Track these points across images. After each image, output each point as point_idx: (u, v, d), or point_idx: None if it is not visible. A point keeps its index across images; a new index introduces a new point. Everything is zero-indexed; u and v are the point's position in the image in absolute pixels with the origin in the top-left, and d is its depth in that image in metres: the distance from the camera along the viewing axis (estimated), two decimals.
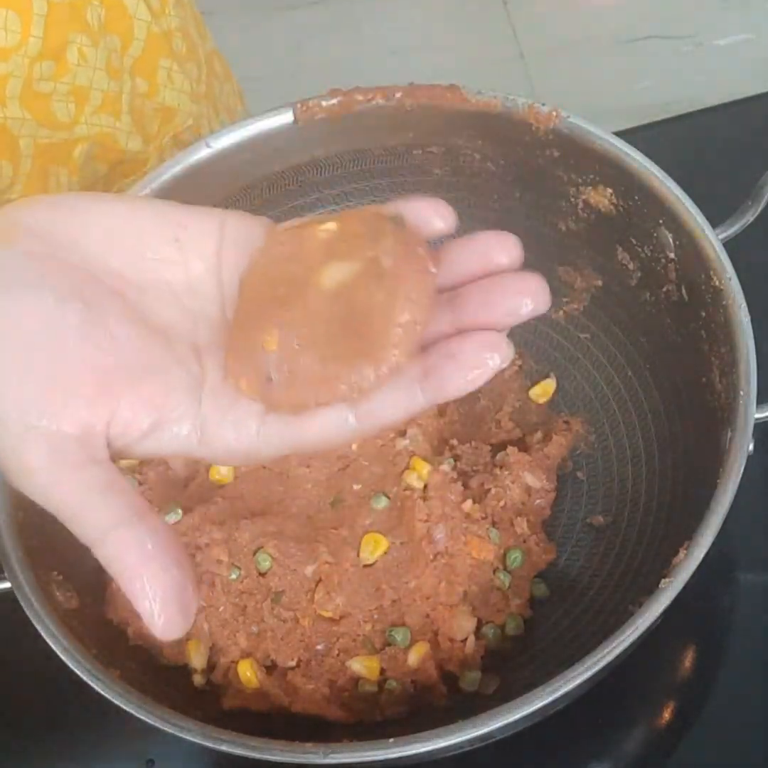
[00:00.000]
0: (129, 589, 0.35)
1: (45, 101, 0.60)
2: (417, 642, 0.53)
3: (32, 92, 0.59)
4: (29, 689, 0.60)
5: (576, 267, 0.62)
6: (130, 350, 0.36)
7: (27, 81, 0.58)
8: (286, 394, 0.36)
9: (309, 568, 0.52)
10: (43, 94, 0.60)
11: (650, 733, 0.57)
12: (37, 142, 0.61)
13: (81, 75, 0.61)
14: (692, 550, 0.45)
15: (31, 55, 0.58)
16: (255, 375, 0.36)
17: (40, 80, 0.59)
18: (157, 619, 0.34)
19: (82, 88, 0.61)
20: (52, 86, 0.60)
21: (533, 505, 0.58)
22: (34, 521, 0.52)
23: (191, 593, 0.35)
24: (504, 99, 0.55)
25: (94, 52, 0.61)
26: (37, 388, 0.34)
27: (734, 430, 0.48)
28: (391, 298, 0.35)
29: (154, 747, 0.58)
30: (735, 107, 0.78)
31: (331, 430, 0.36)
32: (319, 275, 0.37)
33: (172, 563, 0.35)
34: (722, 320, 0.51)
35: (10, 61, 0.57)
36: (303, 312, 0.36)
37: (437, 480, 0.55)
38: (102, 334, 0.35)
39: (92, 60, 0.61)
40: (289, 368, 0.35)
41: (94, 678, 0.46)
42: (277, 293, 0.37)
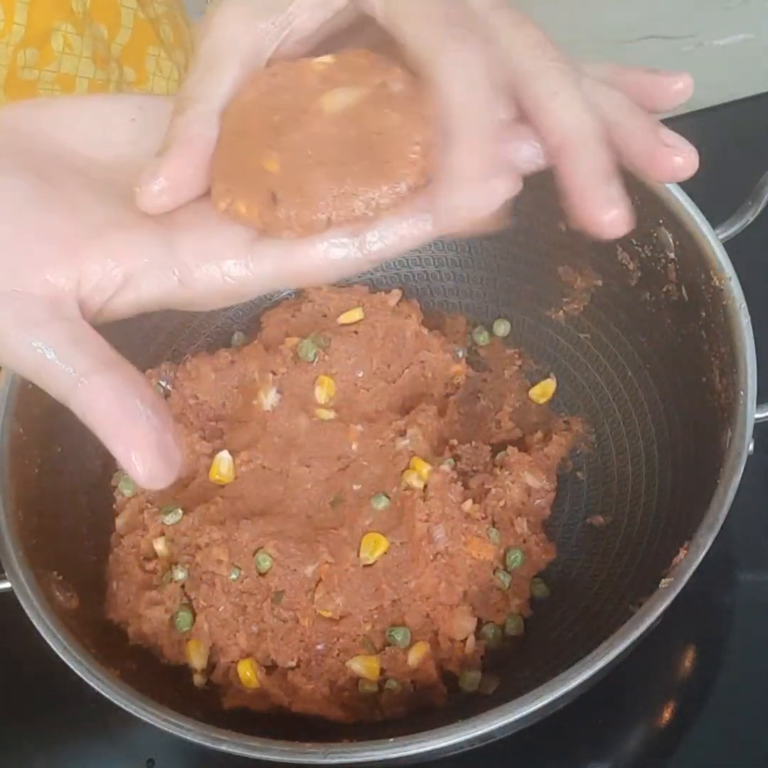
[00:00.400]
0: (105, 436, 0.34)
1: (30, 89, 0.59)
2: (417, 642, 0.53)
3: (17, 80, 0.58)
4: (29, 689, 0.60)
5: (576, 267, 0.62)
6: (93, 214, 0.36)
7: (11, 69, 0.58)
8: (296, 214, 0.33)
9: (309, 568, 0.52)
10: (28, 81, 0.59)
11: (650, 733, 0.57)
12: None
13: (66, 63, 0.60)
14: (692, 550, 0.45)
15: (14, 43, 0.57)
16: (256, 196, 0.34)
17: (24, 68, 0.58)
18: (138, 467, 0.34)
19: (67, 76, 0.61)
20: (37, 74, 0.59)
21: (533, 505, 0.58)
22: (34, 521, 0.52)
23: (172, 440, 0.34)
24: None
25: (79, 40, 0.60)
26: (1, 257, 0.35)
27: (734, 430, 0.48)
28: (406, 118, 0.34)
29: (154, 747, 0.58)
30: (735, 107, 0.78)
31: (334, 259, 0.35)
32: (322, 100, 0.35)
33: (148, 408, 0.34)
34: (722, 320, 0.51)
35: None
36: (306, 135, 0.34)
37: (437, 480, 0.55)
38: (62, 203, 0.36)
39: (78, 48, 0.61)
40: (299, 185, 0.33)
41: (94, 678, 0.46)
42: (271, 121, 0.35)
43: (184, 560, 0.54)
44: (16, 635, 0.48)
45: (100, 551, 0.56)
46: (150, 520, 0.55)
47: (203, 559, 0.53)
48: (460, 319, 0.66)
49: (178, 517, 0.55)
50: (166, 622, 0.53)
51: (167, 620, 0.53)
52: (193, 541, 0.54)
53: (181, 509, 0.55)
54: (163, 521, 0.55)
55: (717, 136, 0.75)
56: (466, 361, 0.64)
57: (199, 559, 0.53)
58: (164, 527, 0.55)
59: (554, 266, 0.62)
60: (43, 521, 0.53)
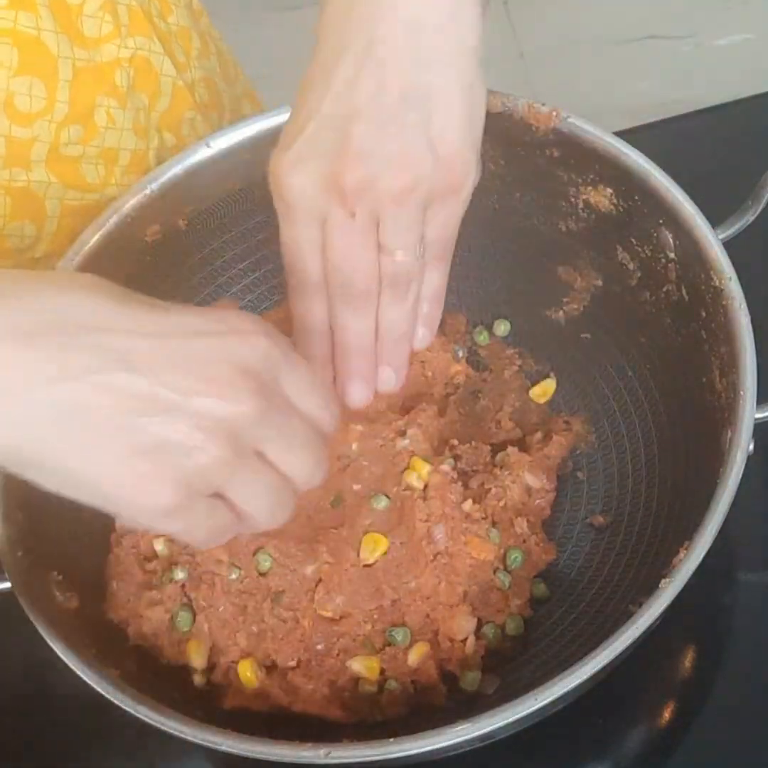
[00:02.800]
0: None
1: (73, 164, 0.60)
2: (417, 642, 0.53)
3: (59, 156, 0.59)
4: (29, 689, 0.60)
5: (576, 267, 0.62)
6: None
7: (53, 145, 0.58)
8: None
9: (309, 568, 0.52)
10: (72, 157, 0.59)
11: (650, 733, 0.57)
12: (65, 203, 0.61)
13: (109, 137, 0.61)
14: (692, 550, 0.45)
15: (57, 120, 0.58)
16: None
17: (68, 144, 0.59)
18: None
19: (111, 150, 0.61)
20: (81, 150, 0.60)
21: (533, 505, 0.58)
22: (34, 521, 0.52)
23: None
24: (504, 99, 0.55)
25: (121, 114, 0.61)
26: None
27: (734, 430, 0.48)
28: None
29: (154, 747, 0.58)
30: (735, 107, 0.78)
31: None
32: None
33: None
34: (722, 320, 0.51)
35: (35, 125, 0.57)
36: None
37: (437, 480, 0.55)
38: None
39: (120, 121, 0.61)
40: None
41: (94, 678, 0.46)
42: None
43: (184, 560, 0.54)
44: (16, 635, 0.48)
45: (100, 551, 0.56)
46: None
47: (203, 559, 0.53)
48: (460, 319, 0.66)
49: None
50: (166, 622, 0.53)
51: (167, 620, 0.53)
52: None
53: None
54: None
55: (717, 136, 0.75)
56: (466, 361, 0.64)
57: (199, 559, 0.53)
58: None
59: (554, 266, 0.62)
60: (43, 522, 0.53)
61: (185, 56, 0.67)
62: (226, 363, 0.40)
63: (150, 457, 0.38)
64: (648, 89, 1.64)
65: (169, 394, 0.38)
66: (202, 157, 0.58)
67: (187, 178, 0.58)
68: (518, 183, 0.59)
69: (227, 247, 0.64)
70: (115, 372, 0.38)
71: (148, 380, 0.38)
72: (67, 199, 0.61)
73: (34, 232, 0.61)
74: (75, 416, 0.38)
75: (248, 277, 0.65)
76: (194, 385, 0.39)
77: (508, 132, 0.55)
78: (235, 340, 0.41)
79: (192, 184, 0.59)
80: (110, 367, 0.38)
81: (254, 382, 0.40)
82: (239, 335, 0.41)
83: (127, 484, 0.39)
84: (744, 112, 0.77)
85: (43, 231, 0.61)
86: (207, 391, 0.39)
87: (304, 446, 0.43)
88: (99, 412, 0.38)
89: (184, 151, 0.58)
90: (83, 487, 0.40)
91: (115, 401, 0.38)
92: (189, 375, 0.39)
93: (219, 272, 0.65)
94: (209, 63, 0.70)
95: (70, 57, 0.57)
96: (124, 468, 0.39)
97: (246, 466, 0.41)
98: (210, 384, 0.39)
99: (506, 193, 0.60)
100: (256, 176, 0.60)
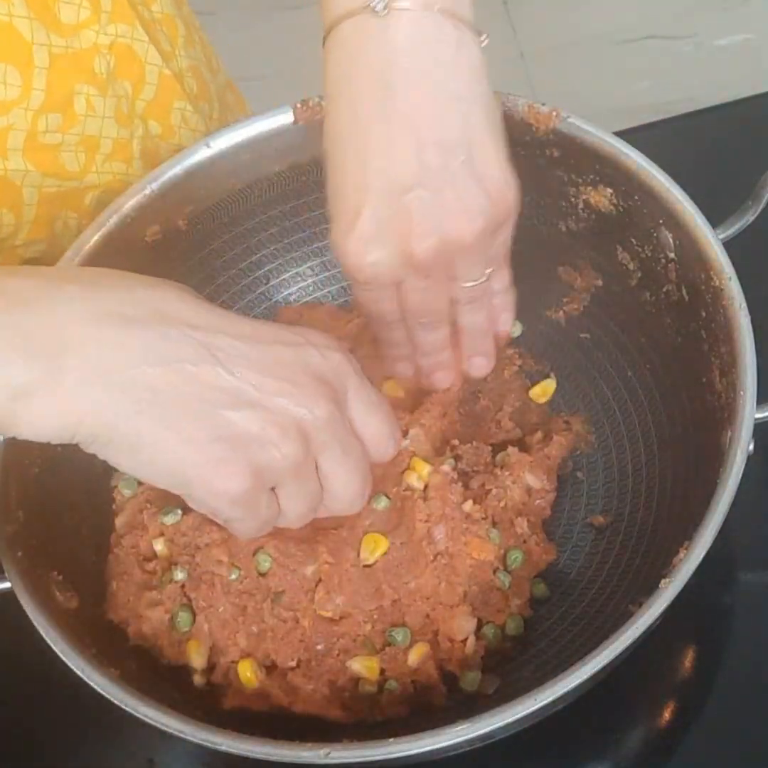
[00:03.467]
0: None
1: (53, 153, 0.60)
2: (417, 642, 0.53)
3: (37, 144, 0.58)
4: (29, 689, 0.60)
5: (576, 267, 0.62)
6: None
7: (31, 133, 0.58)
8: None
9: (309, 568, 0.52)
10: (51, 145, 0.59)
11: (650, 733, 0.57)
12: (43, 191, 0.61)
13: (90, 125, 0.60)
14: (692, 550, 0.45)
15: (34, 108, 0.57)
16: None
17: (46, 132, 0.58)
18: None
19: (91, 138, 0.61)
20: (60, 138, 0.59)
21: (533, 505, 0.58)
22: (34, 521, 0.52)
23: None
24: (504, 99, 0.55)
25: (102, 101, 0.60)
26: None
27: (734, 430, 0.48)
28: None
29: (154, 747, 0.58)
30: (735, 107, 0.78)
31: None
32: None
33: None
34: (722, 320, 0.51)
35: (11, 113, 0.56)
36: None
37: (438, 480, 0.55)
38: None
39: (100, 109, 0.61)
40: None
41: (94, 678, 0.46)
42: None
43: (183, 560, 0.54)
44: (16, 635, 0.48)
45: (100, 551, 0.56)
46: (150, 520, 0.55)
47: (203, 559, 0.53)
48: None
49: (178, 517, 0.55)
50: (166, 622, 0.53)
51: (167, 620, 0.53)
52: (193, 542, 0.54)
53: (180, 509, 0.55)
54: (162, 521, 0.55)
55: (717, 136, 0.75)
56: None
57: (199, 560, 0.53)
58: (164, 527, 0.55)
59: (554, 266, 0.62)
60: (43, 521, 0.53)
61: (170, 45, 0.66)
62: (304, 370, 0.44)
63: (229, 444, 0.42)
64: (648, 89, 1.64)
65: (253, 391, 0.43)
66: (202, 157, 0.58)
67: (187, 178, 0.58)
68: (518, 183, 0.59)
69: (227, 247, 0.64)
70: (209, 365, 0.42)
71: (235, 377, 0.42)
72: (45, 186, 0.60)
73: (13, 220, 0.60)
74: (167, 400, 0.41)
75: (248, 277, 0.66)
76: (275, 386, 0.43)
77: (508, 132, 0.55)
78: (312, 351, 0.45)
79: (192, 184, 0.58)
80: (204, 360, 0.42)
81: (328, 390, 0.44)
82: (316, 348, 0.45)
83: (206, 466, 0.42)
84: (744, 112, 0.77)
85: (21, 219, 0.61)
86: (286, 392, 0.43)
87: (356, 467, 0.47)
88: (189, 398, 0.42)
89: (184, 151, 0.58)
90: (161, 466, 0.42)
91: (205, 391, 0.42)
92: (270, 376, 0.43)
93: (219, 272, 0.65)
94: (195, 52, 0.70)
95: (46, 44, 0.57)
96: (205, 451, 0.42)
97: (306, 469, 0.45)
98: (289, 386, 0.43)
99: None
100: (257, 176, 0.61)
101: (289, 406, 0.43)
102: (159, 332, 0.42)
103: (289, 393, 0.43)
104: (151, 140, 0.65)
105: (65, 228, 0.63)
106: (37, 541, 0.51)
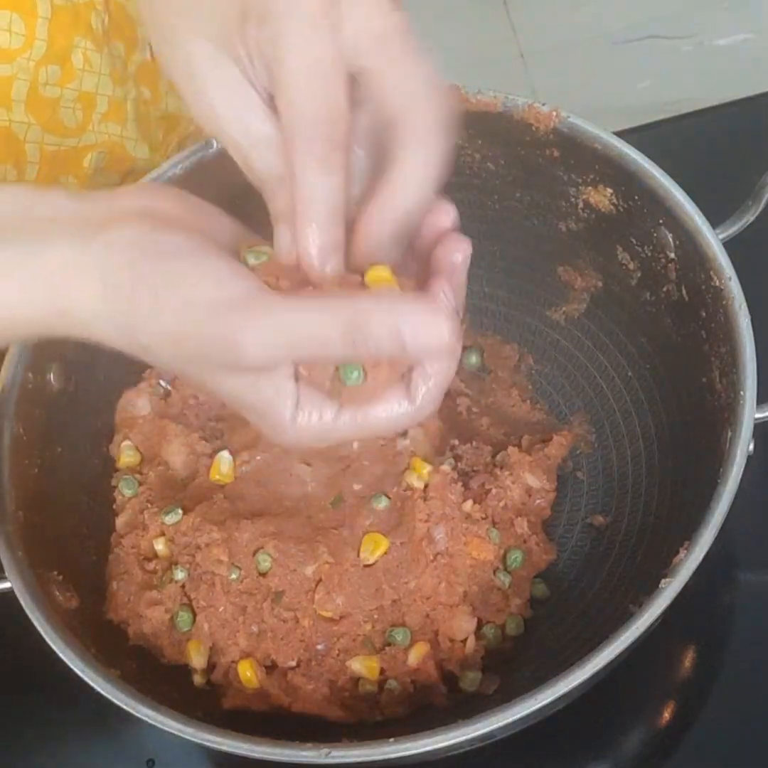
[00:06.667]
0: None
1: (52, 107, 0.60)
2: (417, 642, 0.53)
3: (39, 97, 0.59)
4: (29, 689, 0.60)
5: (576, 267, 0.62)
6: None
7: (33, 85, 0.58)
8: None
9: (309, 568, 0.52)
10: (51, 99, 0.59)
11: (650, 733, 0.57)
12: (44, 148, 0.61)
13: (87, 80, 0.61)
14: (692, 550, 0.45)
15: (36, 59, 0.57)
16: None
17: (47, 85, 0.59)
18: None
19: (88, 94, 0.61)
20: (59, 92, 0.60)
21: (533, 505, 0.58)
22: (34, 521, 0.52)
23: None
24: (504, 99, 0.55)
25: (98, 57, 0.61)
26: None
27: (734, 430, 0.48)
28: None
29: (154, 747, 0.58)
30: (735, 107, 0.78)
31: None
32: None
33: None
34: (722, 320, 0.51)
35: (15, 63, 0.57)
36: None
37: (438, 480, 0.55)
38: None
39: (97, 65, 0.61)
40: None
41: (94, 678, 0.46)
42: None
43: (184, 560, 0.54)
44: (16, 635, 0.48)
45: (100, 551, 0.56)
46: (150, 520, 0.55)
47: (203, 559, 0.53)
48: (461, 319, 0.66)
49: (178, 517, 0.55)
50: (166, 622, 0.53)
51: (167, 620, 0.53)
52: (193, 541, 0.54)
53: (181, 509, 0.55)
54: (163, 521, 0.55)
55: (717, 136, 0.75)
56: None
57: (199, 559, 0.53)
58: (164, 527, 0.55)
59: (554, 266, 0.62)
60: (43, 521, 0.53)
61: None
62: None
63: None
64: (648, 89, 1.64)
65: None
66: (202, 157, 0.58)
67: (187, 178, 0.58)
68: (518, 183, 0.59)
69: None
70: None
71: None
72: (46, 143, 0.61)
73: (16, 178, 0.61)
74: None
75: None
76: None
77: (508, 132, 0.55)
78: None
79: (193, 184, 0.58)
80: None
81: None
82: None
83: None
84: (744, 112, 0.77)
85: (24, 177, 0.61)
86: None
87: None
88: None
89: (184, 151, 0.58)
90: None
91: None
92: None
93: None
94: None
95: None
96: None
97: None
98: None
99: (506, 193, 0.60)
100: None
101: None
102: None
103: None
104: (143, 104, 0.65)
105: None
106: (37, 541, 0.51)
